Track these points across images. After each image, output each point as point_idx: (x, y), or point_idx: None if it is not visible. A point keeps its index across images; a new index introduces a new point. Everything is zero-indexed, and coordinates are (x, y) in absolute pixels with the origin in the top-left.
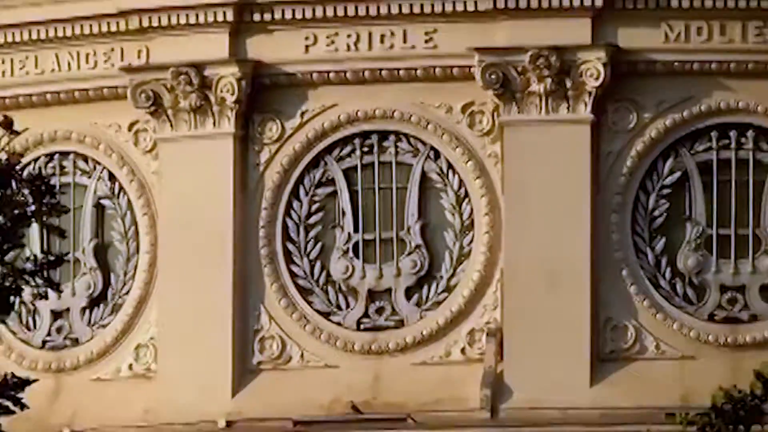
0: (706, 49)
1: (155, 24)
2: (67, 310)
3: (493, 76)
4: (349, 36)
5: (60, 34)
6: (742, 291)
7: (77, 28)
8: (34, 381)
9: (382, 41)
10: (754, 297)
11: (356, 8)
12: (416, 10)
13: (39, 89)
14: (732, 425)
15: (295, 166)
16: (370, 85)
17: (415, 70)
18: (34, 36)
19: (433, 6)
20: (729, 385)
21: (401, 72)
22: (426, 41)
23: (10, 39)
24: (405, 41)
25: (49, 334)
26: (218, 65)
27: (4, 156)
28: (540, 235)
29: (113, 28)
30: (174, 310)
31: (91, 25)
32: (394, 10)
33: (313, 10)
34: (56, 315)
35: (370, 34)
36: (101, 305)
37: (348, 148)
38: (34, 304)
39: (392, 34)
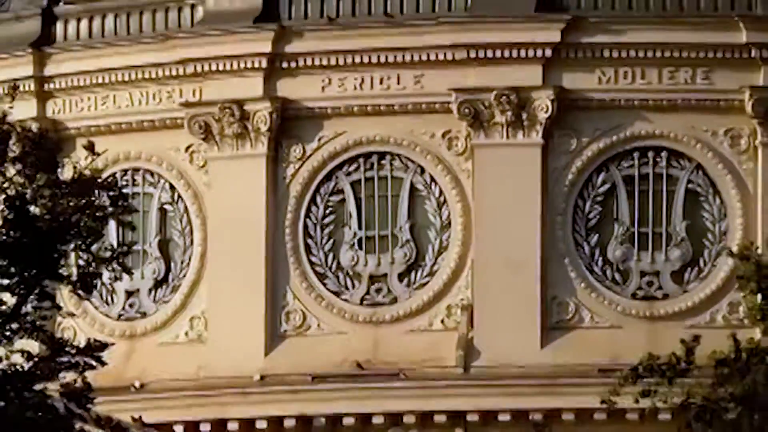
0: (630, 89)
1: (206, 70)
2: (138, 290)
3: (466, 110)
4: (355, 79)
5: (133, 77)
6: (657, 276)
7: (147, 73)
8: (112, 344)
9: (381, 83)
10: (667, 280)
11: (361, 57)
12: (408, 59)
13: (116, 120)
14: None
15: (313, 179)
16: (372, 116)
17: (407, 105)
18: (113, 79)
19: (420, 56)
20: (646, 348)
21: (395, 107)
22: (415, 83)
23: (95, 81)
24: (399, 83)
25: (123, 309)
26: (254, 102)
27: (88, 171)
28: (502, 233)
29: (174, 73)
30: (220, 290)
31: (157, 71)
32: (390, 59)
33: (328, 59)
34: (129, 294)
35: (371, 78)
36: (163, 286)
37: (354, 165)
38: (111, 285)
39: (389, 77)
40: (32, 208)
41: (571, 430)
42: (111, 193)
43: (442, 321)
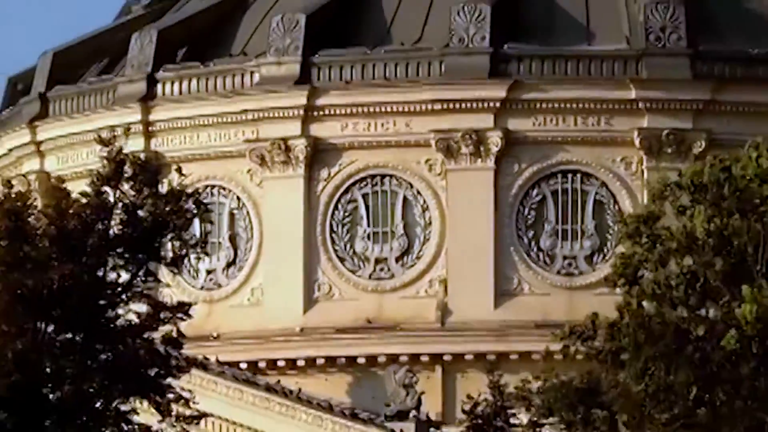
0: (554, 130)
1: (262, 116)
2: (214, 269)
3: (441, 145)
4: (364, 123)
5: (211, 122)
6: (575, 259)
7: (220, 119)
8: (194, 304)
9: (382, 126)
10: (581, 262)
11: (368, 108)
12: (401, 109)
13: (199, 152)
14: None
15: (335, 192)
16: (376, 149)
17: (400, 141)
18: (197, 123)
19: (409, 108)
20: (567, 309)
21: (392, 142)
22: (406, 126)
23: (184, 125)
24: (394, 126)
25: (204, 282)
26: (295, 139)
27: (178, 187)
28: (467, 230)
29: (239, 119)
30: (272, 270)
31: (228, 117)
32: (389, 109)
33: (345, 110)
34: (208, 272)
35: (376, 123)
36: (232, 267)
37: (364, 183)
38: (196, 265)
39: (388, 122)
40: (140, 212)
41: (515, 368)
42: (195, 202)
43: (426, 291)
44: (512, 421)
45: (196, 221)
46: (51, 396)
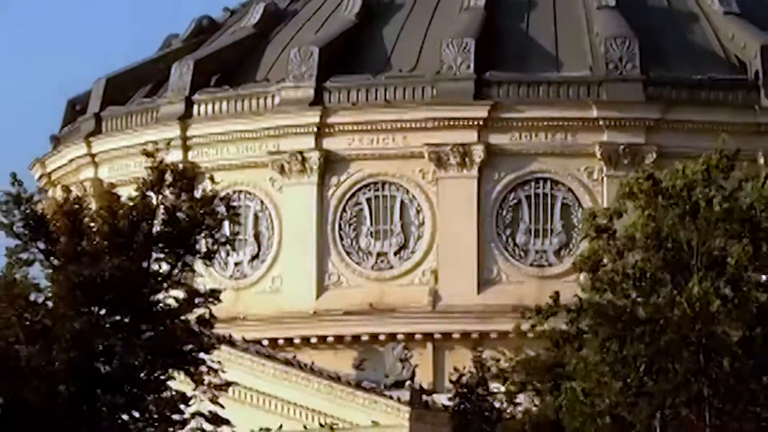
0: (528, 144)
1: (282, 132)
2: (241, 261)
3: (433, 156)
4: (368, 139)
5: (238, 137)
6: (545, 253)
7: (245, 134)
8: (224, 291)
9: (383, 141)
10: (551, 255)
11: (372, 126)
12: (399, 126)
13: (229, 162)
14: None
15: (343, 196)
16: (378, 160)
17: (398, 153)
18: (226, 138)
19: (406, 125)
20: (538, 295)
21: (392, 154)
22: (403, 140)
23: (216, 139)
24: (393, 141)
25: (233, 272)
26: (310, 152)
27: (211, 192)
28: (454, 228)
29: (262, 135)
30: (289, 262)
31: (256, 134)
32: (389, 126)
33: (352, 127)
34: (236, 264)
35: (378, 138)
36: (256, 260)
37: (367, 189)
38: (226, 258)
39: (388, 137)
40: (178, 214)
41: (495, 344)
42: (225, 205)
43: (419, 279)
44: (492, 389)
45: (226, 221)
46: (102, 369)
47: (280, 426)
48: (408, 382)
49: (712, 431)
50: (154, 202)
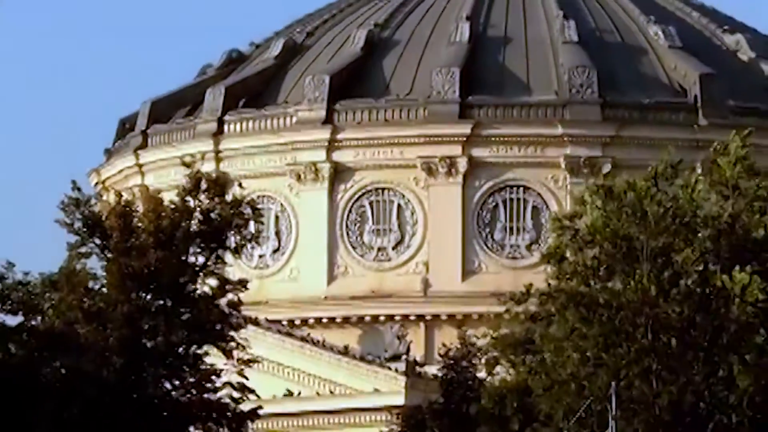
0: (504, 156)
1: (298, 147)
2: (264, 254)
3: (425, 166)
4: (371, 152)
5: (263, 150)
6: (518, 248)
7: (269, 149)
8: (250, 280)
9: (383, 154)
10: (523, 250)
11: (374, 141)
12: (396, 141)
13: (252, 172)
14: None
15: (350, 201)
16: (379, 170)
17: (396, 164)
18: (252, 151)
19: (402, 140)
20: (513, 283)
21: (390, 165)
22: (400, 153)
23: (244, 152)
24: (391, 153)
25: (257, 263)
26: (322, 163)
27: (239, 196)
28: (442, 227)
29: (282, 149)
30: (305, 255)
31: (273, 147)
32: (388, 142)
33: (357, 142)
34: (260, 256)
35: (379, 151)
36: (277, 253)
37: (370, 194)
38: (251, 252)
39: (387, 150)
40: (212, 215)
41: (476, 324)
42: (251, 208)
43: (413, 270)
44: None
45: (252, 221)
46: (148, 345)
47: (292, 392)
48: (404, 356)
49: (658, 400)
50: (192, 205)
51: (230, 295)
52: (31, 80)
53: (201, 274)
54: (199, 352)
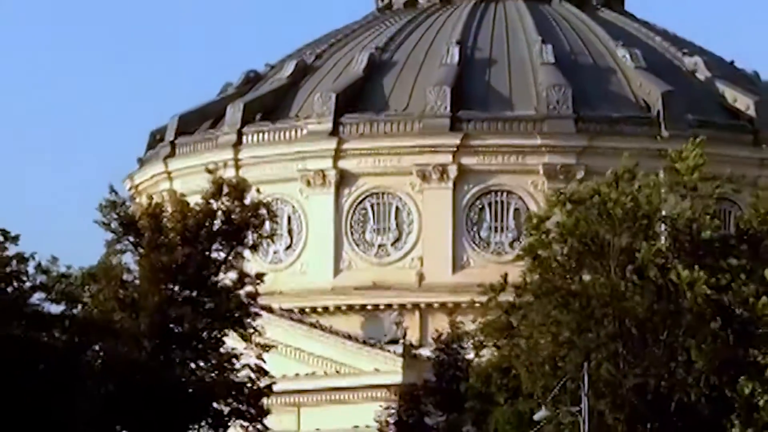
0: (490, 164)
1: (308, 156)
2: (278, 250)
3: (419, 173)
4: (372, 160)
5: (273, 159)
6: (502, 244)
7: (280, 157)
8: (266, 273)
9: (383, 162)
10: (506, 246)
11: (374, 151)
12: (394, 152)
13: (269, 177)
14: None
15: (354, 203)
16: (378, 176)
17: (393, 171)
18: (266, 160)
19: (398, 150)
20: (496, 275)
21: (388, 172)
22: (398, 162)
23: (260, 161)
24: (390, 163)
25: (272, 258)
26: (329, 170)
27: (257, 199)
28: (435, 227)
29: (294, 157)
30: (314, 251)
31: (286, 156)
32: (385, 152)
33: (359, 152)
34: (275, 252)
35: (379, 159)
36: (289, 249)
37: (371, 197)
38: (267, 248)
39: (385, 159)
40: (232, 216)
41: (466, 312)
42: (267, 209)
43: (409, 264)
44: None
45: (267, 221)
46: (176, 330)
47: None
48: (401, 340)
49: (625, 380)
50: (214, 207)
51: (248, 287)
52: (74, 97)
53: (222, 268)
54: (220, 337)
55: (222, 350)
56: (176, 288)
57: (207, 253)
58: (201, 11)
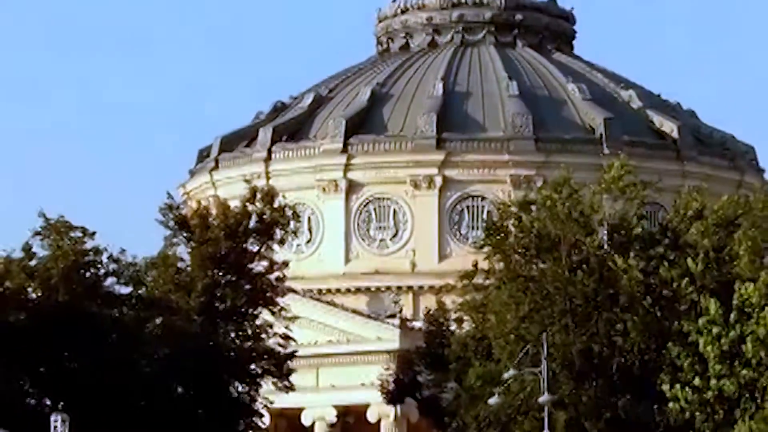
0: (468, 176)
1: (323, 169)
2: (300, 244)
3: (411, 183)
4: (374, 172)
5: (295, 171)
6: (478, 239)
7: (298, 168)
8: (290, 261)
9: (383, 174)
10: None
11: (376, 165)
12: (388, 166)
13: (292, 185)
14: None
15: (360, 207)
16: (380, 185)
17: (390, 181)
18: (288, 172)
19: (392, 164)
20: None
21: (388, 181)
22: (395, 173)
23: (285, 173)
24: (389, 173)
25: (294, 250)
26: (340, 180)
27: (282, 203)
28: (425, 226)
29: (311, 169)
30: (329, 244)
31: (301, 167)
32: (384, 164)
33: (364, 166)
34: (297, 245)
35: (380, 172)
36: (309, 243)
37: (374, 201)
38: (291, 242)
39: (386, 172)
40: (264, 216)
41: (450, 293)
42: (291, 211)
43: (405, 255)
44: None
45: (292, 221)
46: (220, 308)
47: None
48: (398, 315)
49: (574, 347)
50: (250, 209)
51: (277, 273)
52: (137, 119)
53: (256, 257)
54: (255, 312)
55: (256, 323)
56: (220, 273)
57: (244, 246)
58: (239, 55)
